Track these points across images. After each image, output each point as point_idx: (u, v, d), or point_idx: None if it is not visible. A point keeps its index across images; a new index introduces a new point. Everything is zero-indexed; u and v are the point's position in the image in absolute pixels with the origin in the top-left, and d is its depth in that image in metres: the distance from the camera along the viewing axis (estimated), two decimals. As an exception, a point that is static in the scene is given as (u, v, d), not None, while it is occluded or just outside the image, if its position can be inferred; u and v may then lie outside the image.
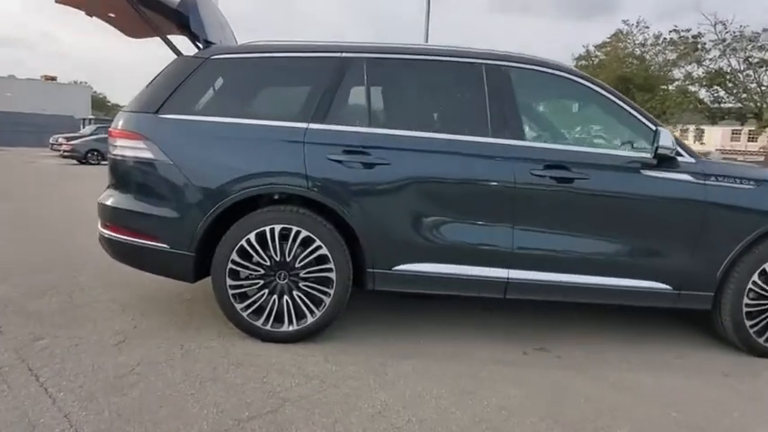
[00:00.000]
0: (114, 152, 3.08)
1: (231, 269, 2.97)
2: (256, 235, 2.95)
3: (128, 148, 3.02)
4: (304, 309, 3.03)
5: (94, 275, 4.13)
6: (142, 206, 2.99)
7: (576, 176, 3.03)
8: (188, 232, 2.94)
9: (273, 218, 2.95)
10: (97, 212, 3.19)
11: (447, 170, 3.02)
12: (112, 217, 3.09)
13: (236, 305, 3.00)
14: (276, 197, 3.19)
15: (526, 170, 3.02)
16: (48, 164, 18.17)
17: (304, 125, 3.00)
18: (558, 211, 3.08)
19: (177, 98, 3.04)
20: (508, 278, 3.08)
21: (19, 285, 3.82)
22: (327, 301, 3.02)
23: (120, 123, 3.07)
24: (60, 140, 21.57)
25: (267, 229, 2.95)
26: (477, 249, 3.06)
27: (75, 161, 19.59)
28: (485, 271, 3.08)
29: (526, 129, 3.13)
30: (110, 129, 3.14)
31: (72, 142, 20.49)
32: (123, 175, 3.08)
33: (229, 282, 2.97)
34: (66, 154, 20.30)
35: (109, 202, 3.08)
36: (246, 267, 2.99)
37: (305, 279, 3.03)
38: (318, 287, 3.03)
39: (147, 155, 2.96)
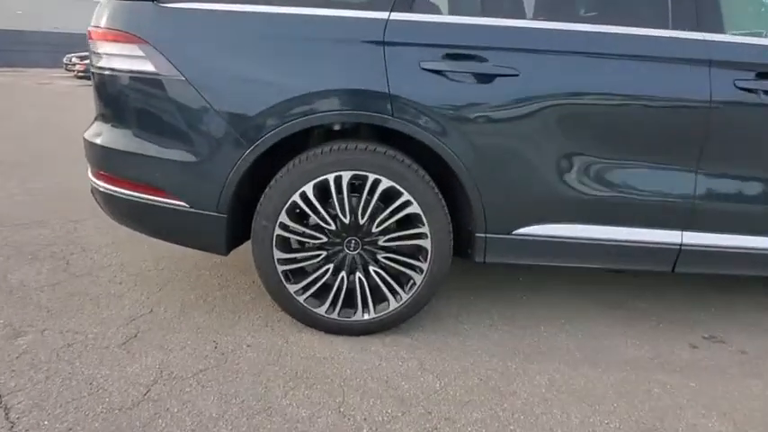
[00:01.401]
0: (99, 64, 2.07)
1: (279, 236, 2.03)
2: (315, 187, 1.98)
3: (118, 58, 2.00)
4: (385, 290, 2.11)
5: (99, 230, 3.26)
6: (145, 146, 2.02)
7: (805, 90, 1.94)
8: (215, 184, 1.99)
9: (340, 161, 1.96)
10: (85, 154, 2.25)
11: (604, 83, 1.94)
12: (105, 162, 2.14)
13: (287, 286, 2.09)
14: (337, 127, 2.20)
15: (728, 81, 1.93)
16: (61, 85, 17.18)
17: (383, 15, 1.92)
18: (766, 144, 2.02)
19: (184, -24, 1.97)
20: (681, 244, 2.09)
21: (2, 244, 2.97)
22: (418, 279, 2.09)
23: (105, 19, 2.03)
24: (74, 60, 20.49)
25: (331, 177, 1.97)
26: (640, 203, 2.05)
27: (90, 82, 18.51)
28: (649, 234, 2.08)
29: (726, 16, 2.00)
30: (89, 27, 2.10)
31: (86, 61, 19.33)
32: (114, 100, 2.09)
33: (278, 254, 2.05)
34: (80, 74, 19.24)
35: (99, 141, 2.12)
36: (301, 233, 2.06)
37: (386, 249, 2.09)
38: (405, 260, 2.09)
39: (147, 67, 1.95)
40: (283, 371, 1.93)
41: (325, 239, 2.06)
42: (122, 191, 2.09)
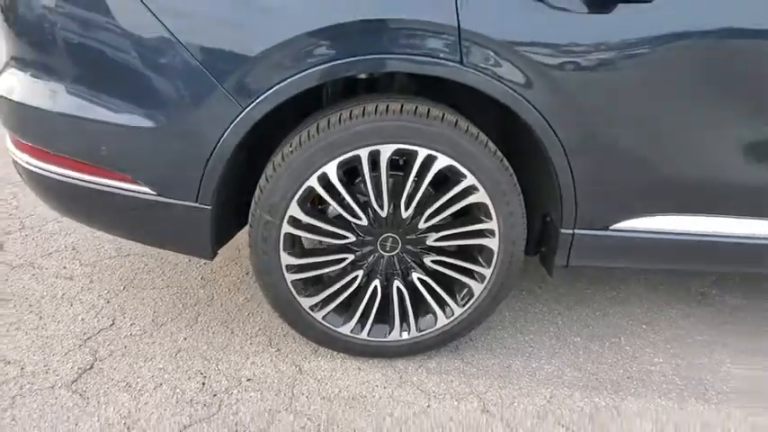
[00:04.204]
0: (6, -26, 1.35)
1: (289, 235, 1.44)
2: (340, 167, 1.37)
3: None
4: (431, 302, 1.56)
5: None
6: (84, 105, 1.35)
7: None
8: (193, 163, 1.35)
9: (379, 129, 1.34)
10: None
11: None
12: (27, 127, 1.46)
13: (300, 300, 1.52)
14: (363, 76, 1.56)
15: None
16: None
17: None
18: None
19: None
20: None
21: None
22: (478, 289, 1.54)
23: None
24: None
25: (364, 153, 1.35)
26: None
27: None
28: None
29: None
30: None
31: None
32: (32, 35, 1.38)
33: (286, 259, 1.46)
34: None
35: (16, 97, 1.43)
36: (318, 230, 1.46)
37: (435, 250, 1.52)
38: (462, 264, 1.53)
39: (78, -21, 1.25)
40: (300, 422, 1.39)
41: (353, 238, 1.47)
42: (55, 169, 1.44)
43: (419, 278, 1.53)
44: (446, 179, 1.43)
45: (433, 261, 1.53)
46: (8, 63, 1.46)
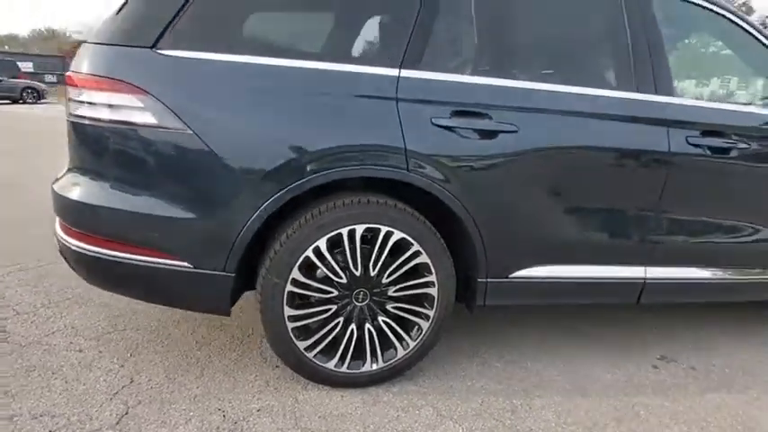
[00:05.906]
0: (81, 112, 1.86)
1: (290, 293, 1.97)
2: (328, 241, 1.96)
3: (109, 108, 1.82)
4: (392, 338, 2.13)
5: (27, 287, 2.86)
6: (139, 203, 1.85)
7: (732, 146, 2.33)
8: (223, 243, 1.87)
9: (355, 215, 1.96)
10: (54, 209, 1.99)
11: (585, 138, 2.16)
12: (85, 219, 1.91)
13: (297, 343, 2.02)
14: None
15: (682, 137, 2.26)
16: None
17: (393, 72, 1.97)
18: (710, 190, 2.37)
19: (188, 22, 1.85)
20: (645, 278, 2.37)
21: None
22: (425, 326, 2.14)
23: (92, 65, 1.84)
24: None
25: (345, 231, 1.96)
26: (614, 243, 2.30)
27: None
28: (619, 271, 2.34)
29: (675, 81, 2.34)
30: (69, 73, 1.90)
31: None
32: (101, 153, 1.88)
33: (288, 311, 1.98)
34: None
35: (76, 196, 1.89)
36: (311, 287, 2.01)
37: (394, 299, 2.11)
38: (413, 308, 2.13)
39: (146, 119, 1.80)
40: (306, 434, 1.85)
41: (335, 293, 2.03)
42: (104, 251, 1.89)
43: (383, 320, 2.10)
44: (400, 248, 2.05)
45: (393, 307, 2.11)
46: (71, 168, 1.93)
